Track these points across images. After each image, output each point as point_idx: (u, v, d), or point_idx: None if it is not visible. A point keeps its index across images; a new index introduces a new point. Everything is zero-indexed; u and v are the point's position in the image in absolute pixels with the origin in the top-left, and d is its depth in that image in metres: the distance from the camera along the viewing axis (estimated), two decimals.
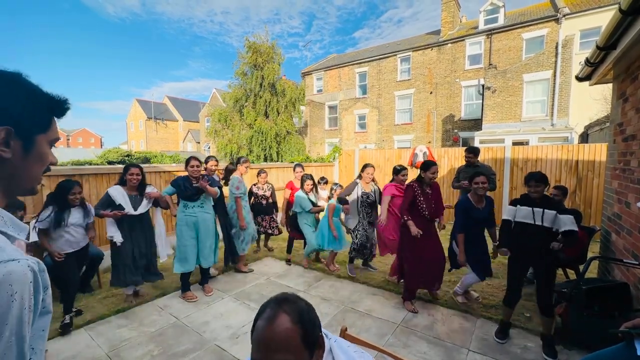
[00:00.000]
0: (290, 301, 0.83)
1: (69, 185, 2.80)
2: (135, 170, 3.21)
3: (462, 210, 3.08)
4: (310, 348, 0.80)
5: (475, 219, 3.05)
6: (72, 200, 2.82)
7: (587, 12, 12.40)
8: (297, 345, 0.77)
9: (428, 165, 3.23)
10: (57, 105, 0.70)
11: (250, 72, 13.91)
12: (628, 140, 2.84)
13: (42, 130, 0.68)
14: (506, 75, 12.09)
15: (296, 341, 0.77)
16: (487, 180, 3.06)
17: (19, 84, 0.64)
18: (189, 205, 3.52)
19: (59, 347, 2.60)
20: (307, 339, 0.79)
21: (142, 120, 37.32)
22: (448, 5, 16.53)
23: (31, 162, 0.67)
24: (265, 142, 13.42)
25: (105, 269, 4.15)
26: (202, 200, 3.58)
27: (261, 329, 0.78)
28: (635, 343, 1.42)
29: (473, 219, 3.05)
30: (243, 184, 4.26)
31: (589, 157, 6.16)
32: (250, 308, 3.30)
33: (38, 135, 0.67)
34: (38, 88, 0.67)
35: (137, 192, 3.29)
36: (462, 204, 3.11)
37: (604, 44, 2.68)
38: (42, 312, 0.64)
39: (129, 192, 3.23)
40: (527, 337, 2.71)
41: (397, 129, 17.53)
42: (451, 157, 7.76)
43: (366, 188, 4.04)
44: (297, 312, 0.80)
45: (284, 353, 0.75)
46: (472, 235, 3.09)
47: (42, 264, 0.64)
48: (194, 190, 3.50)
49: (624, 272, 2.83)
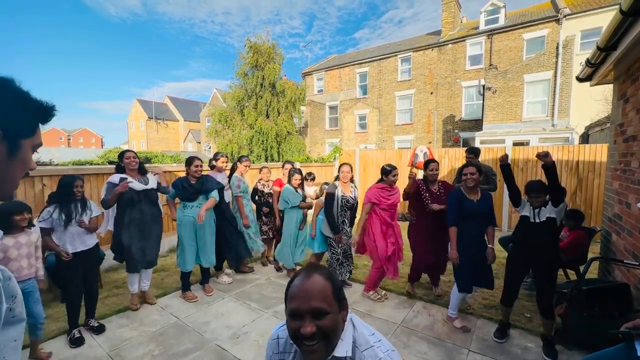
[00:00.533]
0: (320, 266, 1.01)
1: (71, 179, 2.73)
2: (130, 154, 3.16)
3: (453, 201, 2.88)
4: (340, 303, 0.93)
5: (468, 211, 2.81)
6: (75, 193, 2.73)
7: (588, 12, 12.39)
8: (330, 297, 0.90)
9: (427, 163, 3.37)
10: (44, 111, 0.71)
11: (251, 72, 13.91)
12: (629, 141, 2.84)
13: (28, 135, 0.68)
14: (507, 75, 12.08)
15: (329, 293, 0.90)
16: (476, 172, 2.87)
17: (9, 89, 0.64)
18: (188, 206, 3.50)
19: (59, 347, 2.60)
20: (337, 295, 0.93)
21: (143, 120, 37.35)
22: (449, 5, 16.53)
23: (14, 166, 0.67)
24: (265, 142, 13.42)
25: (106, 268, 4.16)
26: (200, 200, 3.56)
27: (299, 283, 0.92)
28: (636, 344, 1.42)
29: (465, 212, 2.81)
30: (243, 182, 4.25)
31: (589, 158, 6.16)
32: (251, 308, 3.30)
33: (24, 140, 0.67)
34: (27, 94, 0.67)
35: (139, 174, 3.21)
36: (453, 194, 2.94)
37: (604, 44, 2.68)
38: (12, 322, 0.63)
39: (131, 176, 3.14)
40: (527, 338, 2.71)
41: (397, 129, 17.53)
42: (452, 157, 7.76)
43: (345, 190, 3.61)
44: (328, 273, 0.96)
45: (320, 301, 0.88)
46: (465, 232, 2.83)
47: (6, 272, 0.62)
48: (193, 190, 3.49)
49: (625, 273, 2.83)
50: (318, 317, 0.87)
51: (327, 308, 0.88)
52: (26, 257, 2.39)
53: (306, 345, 0.87)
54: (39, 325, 2.41)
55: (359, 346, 0.94)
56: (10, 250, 2.30)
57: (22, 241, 2.37)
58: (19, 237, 2.36)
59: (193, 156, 3.62)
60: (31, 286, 2.40)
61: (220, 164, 4.03)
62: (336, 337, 0.92)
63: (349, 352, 0.92)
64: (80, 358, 2.47)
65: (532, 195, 2.54)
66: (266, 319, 3.09)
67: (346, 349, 0.92)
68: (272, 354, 1.06)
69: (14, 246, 2.32)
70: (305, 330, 0.85)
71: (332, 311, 0.89)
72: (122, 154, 3.23)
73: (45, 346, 2.59)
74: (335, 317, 0.90)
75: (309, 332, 0.85)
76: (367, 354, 0.92)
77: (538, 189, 2.52)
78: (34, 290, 2.41)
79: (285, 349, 1.03)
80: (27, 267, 2.39)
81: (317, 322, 0.87)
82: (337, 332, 0.92)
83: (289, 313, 0.91)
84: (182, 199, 3.51)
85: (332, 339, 0.90)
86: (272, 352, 1.06)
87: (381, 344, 0.96)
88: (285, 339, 1.04)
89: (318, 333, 0.86)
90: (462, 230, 2.83)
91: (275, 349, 1.06)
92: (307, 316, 0.87)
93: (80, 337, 2.68)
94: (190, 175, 3.50)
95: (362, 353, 0.93)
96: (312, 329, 0.86)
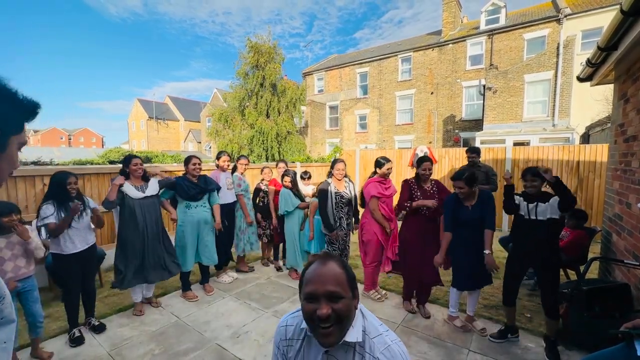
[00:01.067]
0: (334, 255, 1.02)
1: (63, 176, 2.65)
2: (137, 161, 3.12)
3: (449, 208, 2.82)
4: (352, 291, 0.96)
5: (463, 220, 2.74)
6: (69, 190, 2.66)
7: (589, 12, 12.38)
8: (344, 283, 0.93)
9: (420, 161, 3.15)
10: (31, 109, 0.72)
11: (251, 72, 13.91)
12: (629, 141, 2.84)
13: (17, 132, 0.70)
14: (507, 75, 12.07)
15: (344, 280, 0.94)
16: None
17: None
18: (191, 206, 3.44)
19: (60, 346, 2.61)
20: (351, 283, 0.96)
21: (144, 120, 37.37)
22: (449, 5, 16.52)
23: (2, 162, 0.68)
24: (266, 142, 13.42)
25: (107, 268, 4.16)
26: (204, 200, 3.54)
27: (316, 268, 0.95)
28: (636, 343, 1.42)
29: (459, 220, 2.76)
30: (244, 181, 4.25)
31: (590, 158, 6.15)
32: (251, 308, 3.31)
33: (12, 137, 0.69)
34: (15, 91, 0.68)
35: (142, 181, 3.18)
36: (448, 201, 2.88)
37: (605, 44, 2.68)
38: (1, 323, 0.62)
39: (134, 183, 3.12)
40: (528, 338, 2.71)
41: (397, 129, 17.52)
42: (452, 157, 7.75)
43: (339, 187, 3.59)
44: (342, 262, 0.99)
45: (335, 285, 0.91)
46: (461, 237, 2.78)
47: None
48: (198, 189, 3.45)
49: (625, 273, 2.83)
50: (333, 301, 0.90)
51: (342, 292, 0.91)
52: (22, 256, 2.37)
53: (321, 327, 0.89)
54: (38, 323, 2.40)
55: (368, 333, 0.97)
56: (3, 250, 2.28)
57: (14, 241, 2.34)
58: (11, 238, 2.34)
59: (191, 155, 3.59)
60: (30, 285, 2.40)
61: (222, 162, 3.97)
62: (349, 322, 0.94)
63: (359, 338, 0.95)
64: (81, 357, 2.48)
65: (528, 179, 2.53)
66: (266, 318, 3.09)
67: (357, 336, 0.94)
68: (279, 340, 1.08)
69: (7, 247, 2.30)
70: (322, 312, 0.88)
71: (346, 296, 0.92)
72: (128, 159, 3.13)
73: (46, 345, 2.59)
74: (349, 302, 0.93)
75: (325, 314, 0.88)
76: (376, 340, 0.95)
77: (535, 173, 2.49)
78: (33, 289, 2.41)
79: (293, 335, 1.05)
80: (25, 266, 2.38)
81: (333, 305, 0.89)
82: (350, 317, 0.94)
83: (304, 297, 0.93)
84: (186, 199, 3.43)
85: (346, 323, 0.93)
86: (280, 339, 1.08)
87: (389, 333, 1.00)
88: (295, 326, 1.06)
89: (333, 316, 0.89)
90: (458, 235, 2.79)
91: (283, 335, 1.07)
92: (322, 299, 0.90)
93: (80, 336, 2.68)
94: (190, 174, 3.47)
95: (372, 340, 0.96)
96: (328, 311, 0.88)
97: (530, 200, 2.55)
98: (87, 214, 2.78)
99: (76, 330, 2.69)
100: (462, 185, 2.69)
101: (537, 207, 2.49)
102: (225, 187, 3.95)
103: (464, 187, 2.69)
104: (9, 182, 3.59)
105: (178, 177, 3.49)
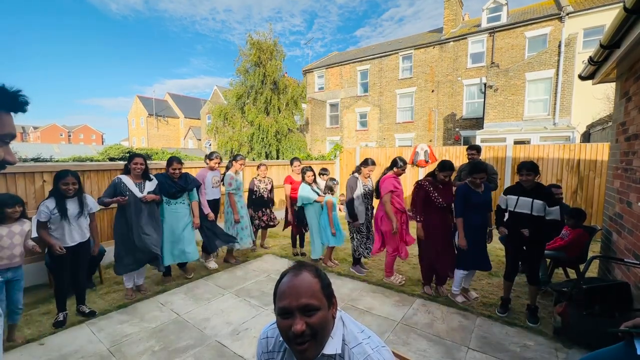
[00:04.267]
0: (307, 264, 0.99)
1: (62, 174, 2.74)
2: (139, 160, 3.35)
3: (461, 196, 3.18)
4: (329, 300, 0.93)
5: (475, 203, 3.12)
6: (65, 190, 2.74)
7: (591, 10, 12.32)
8: (319, 293, 0.90)
9: (444, 166, 3.33)
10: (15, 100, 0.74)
11: (252, 69, 13.87)
12: (630, 139, 2.83)
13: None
14: (508, 73, 12.03)
15: (318, 289, 0.90)
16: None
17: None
18: (171, 202, 3.69)
19: (61, 342, 2.62)
20: (326, 291, 0.93)
21: (144, 117, 37.33)
22: (450, 3, 16.43)
23: None
24: (266, 139, 13.41)
25: (107, 264, 4.17)
26: (183, 198, 3.79)
27: (288, 280, 0.92)
28: (635, 342, 1.42)
29: (473, 204, 3.13)
30: (235, 180, 4.45)
31: (590, 157, 6.14)
32: (251, 305, 3.31)
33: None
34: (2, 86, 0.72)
35: (142, 179, 3.41)
36: (461, 189, 3.22)
37: (607, 42, 2.66)
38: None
39: (135, 180, 3.37)
40: (527, 336, 2.71)
41: (398, 127, 17.50)
42: (452, 155, 7.74)
43: (365, 182, 4.09)
44: (315, 270, 0.96)
45: (309, 298, 0.88)
46: (471, 221, 3.16)
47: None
48: (178, 188, 3.68)
49: (625, 272, 2.83)
50: (308, 314, 0.87)
51: (317, 304, 0.88)
52: (19, 245, 2.53)
53: (297, 343, 0.87)
54: (17, 310, 2.55)
55: (347, 343, 0.94)
56: (3, 239, 2.43)
57: (15, 230, 2.52)
58: (12, 227, 2.52)
59: (173, 158, 3.76)
60: (20, 274, 2.56)
61: (213, 164, 4.41)
62: (326, 334, 0.91)
63: (339, 349, 0.92)
64: (81, 353, 2.48)
65: (523, 173, 2.84)
66: (266, 315, 3.10)
67: (336, 347, 0.91)
68: (261, 352, 1.07)
69: (7, 235, 2.47)
70: (296, 328, 0.85)
71: (321, 307, 0.89)
72: (131, 157, 3.39)
73: (46, 341, 2.61)
74: (324, 313, 0.90)
75: (300, 330, 0.85)
76: (355, 350, 0.92)
77: (530, 167, 2.81)
78: (21, 279, 2.58)
79: (274, 348, 1.04)
80: (20, 255, 2.54)
81: (307, 319, 0.86)
82: (327, 329, 0.91)
83: (278, 312, 0.90)
84: (166, 196, 3.65)
85: (322, 336, 0.90)
86: (262, 352, 1.07)
87: (370, 341, 0.96)
88: (275, 338, 1.04)
89: (307, 331, 0.86)
90: (468, 219, 3.16)
91: (264, 348, 1.06)
92: (297, 313, 0.87)
93: (62, 320, 2.86)
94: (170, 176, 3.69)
95: (351, 350, 0.92)
96: (302, 327, 0.85)
97: (525, 193, 2.87)
98: (87, 218, 2.97)
99: (60, 315, 2.87)
100: (484, 175, 3.10)
101: (533, 204, 2.80)
102: (210, 185, 4.40)
103: (485, 177, 3.11)
104: (9, 178, 3.61)
105: (159, 174, 3.67)
